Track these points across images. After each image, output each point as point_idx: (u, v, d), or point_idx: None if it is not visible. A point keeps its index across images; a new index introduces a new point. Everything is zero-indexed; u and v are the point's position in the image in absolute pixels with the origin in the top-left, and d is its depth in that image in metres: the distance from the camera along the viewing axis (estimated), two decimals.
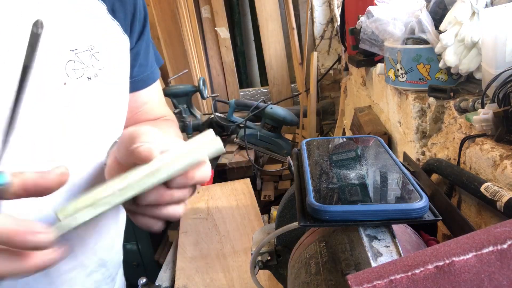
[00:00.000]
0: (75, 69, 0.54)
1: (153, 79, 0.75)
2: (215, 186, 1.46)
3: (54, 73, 0.52)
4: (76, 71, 0.54)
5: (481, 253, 0.28)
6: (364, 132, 1.12)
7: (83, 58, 0.55)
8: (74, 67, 0.54)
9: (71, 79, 0.54)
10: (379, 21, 0.88)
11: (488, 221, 0.61)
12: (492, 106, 0.61)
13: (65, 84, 0.53)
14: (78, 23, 0.55)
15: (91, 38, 0.57)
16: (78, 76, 0.54)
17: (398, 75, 0.87)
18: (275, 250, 0.64)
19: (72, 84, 0.54)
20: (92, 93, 0.57)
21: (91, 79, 0.56)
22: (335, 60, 2.56)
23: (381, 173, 0.49)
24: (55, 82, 0.52)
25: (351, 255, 0.42)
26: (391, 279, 0.28)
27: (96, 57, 0.57)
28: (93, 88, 0.57)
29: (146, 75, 0.72)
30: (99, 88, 0.57)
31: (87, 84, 0.55)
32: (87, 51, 0.56)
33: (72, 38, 0.54)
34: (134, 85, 0.70)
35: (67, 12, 0.54)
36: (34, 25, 0.38)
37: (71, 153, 0.56)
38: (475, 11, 0.70)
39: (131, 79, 0.69)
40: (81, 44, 0.55)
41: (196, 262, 1.06)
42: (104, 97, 0.59)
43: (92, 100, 0.57)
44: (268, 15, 2.60)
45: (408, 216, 0.40)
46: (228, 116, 2.09)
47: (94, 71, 0.57)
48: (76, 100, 0.55)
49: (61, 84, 0.53)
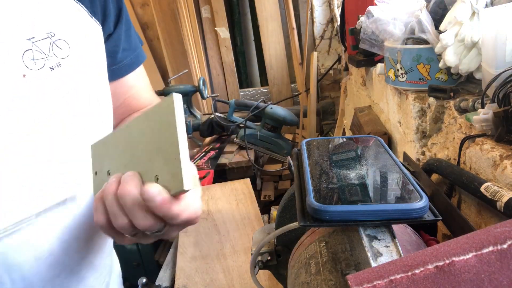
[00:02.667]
0: (34, 59, 0.50)
1: (138, 62, 0.71)
2: (215, 186, 1.46)
3: (10, 64, 0.48)
4: (36, 62, 0.50)
5: (481, 253, 0.28)
6: (364, 132, 1.12)
7: (42, 47, 0.51)
8: (33, 57, 0.50)
9: (31, 71, 0.50)
10: (379, 21, 0.87)
11: (488, 221, 0.61)
12: (492, 106, 0.61)
13: (25, 76, 0.49)
14: (35, 10, 0.51)
15: (50, 25, 0.52)
16: (39, 67, 0.50)
17: (398, 75, 0.87)
18: (275, 250, 0.64)
19: (33, 76, 0.50)
20: (57, 84, 0.52)
21: (54, 69, 0.52)
22: (335, 60, 2.57)
23: (381, 173, 0.49)
24: (12, 74, 0.49)
25: (351, 255, 0.42)
26: (391, 279, 0.28)
27: (58, 45, 0.53)
28: (58, 79, 0.52)
29: (130, 59, 0.69)
30: (65, 79, 0.53)
31: (50, 75, 0.51)
32: (46, 38, 0.52)
33: (28, 26, 0.50)
34: (120, 70, 0.68)
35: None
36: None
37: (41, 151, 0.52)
38: (475, 11, 0.70)
39: (116, 65, 0.67)
40: (39, 32, 0.51)
41: (196, 262, 1.06)
42: (73, 87, 0.55)
43: (58, 92, 0.53)
44: (268, 15, 2.60)
45: (408, 216, 0.40)
46: (228, 116, 2.09)
47: (57, 60, 0.52)
48: (39, 93, 0.51)
49: (19, 76, 0.49)
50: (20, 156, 0.50)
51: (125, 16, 0.66)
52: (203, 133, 2.18)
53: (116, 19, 0.64)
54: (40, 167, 0.52)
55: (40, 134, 0.51)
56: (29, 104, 0.50)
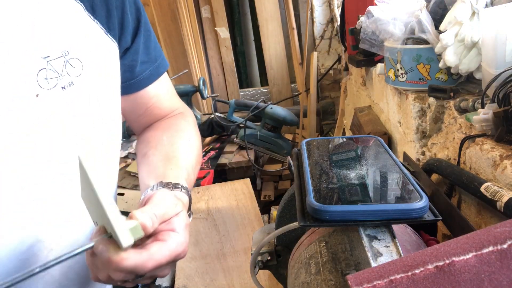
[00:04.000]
0: (47, 79, 0.49)
1: (158, 74, 0.70)
2: (215, 186, 1.46)
3: (25, 84, 0.48)
4: (49, 81, 0.49)
5: (481, 253, 0.28)
6: (364, 132, 1.12)
7: (56, 66, 0.50)
8: (46, 76, 0.49)
9: (43, 90, 0.49)
10: (379, 21, 0.88)
11: (488, 221, 0.61)
12: (492, 106, 0.61)
13: (38, 96, 0.49)
14: (50, 27, 0.50)
15: (65, 43, 0.51)
16: (51, 87, 0.50)
17: (398, 75, 0.87)
18: (275, 250, 0.64)
19: (45, 95, 0.49)
20: (67, 104, 0.52)
21: (66, 88, 0.51)
22: (335, 60, 2.57)
23: (381, 173, 0.49)
24: (27, 94, 0.48)
25: (351, 255, 0.43)
26: (391, 279, 0.28)
27: (72, 63, 0.52)
28: (68, 99, 0.52)
29: (150, 71, 0.68)
30: (75, 98, 0.53)
31: (61, 94, 0.51)
32: (60, 57, 0.51)
33: (43, 44, 0.49)
34: (139, 84, 0.67)
35: (37, 15, 0.49)
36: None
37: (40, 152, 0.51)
38: (475, 11, 0.70)
39: (134, 79, 0.66)
40: (54, 51, 0.50)
41: (196, 262, 1.06)
42: (84, 106, 0.54)
43: (67, 112, 0.52)
44: (268, 15, 2.60)
45: (408, 216, 0.40)
46: (228, 116, 2.09)
47: (69, 79, 0.52)
48: (50, 114, 0.50)
49: (33, 96, 0.48)
50: (20, 157, 0.50)
51: (145, 28, 0.65)
52: (203, 133, 2.17)
53: (135, 31, 0.63)
54: (40, 167, 0.52)
55: (39, 134, 0.51)
56: (28, 105, 0.49)
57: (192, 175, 0.64)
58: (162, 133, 0.68)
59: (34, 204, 0.53)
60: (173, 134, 0.68)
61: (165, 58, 0.73)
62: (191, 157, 0.67)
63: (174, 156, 0.63)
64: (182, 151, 0.65)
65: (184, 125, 0.71)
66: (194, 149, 0.69)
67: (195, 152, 0.69)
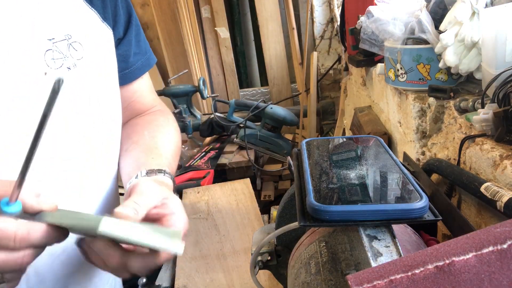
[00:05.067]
0: (54, 59, 0.53)
1: (149, 65, 0.74)
2: (215, 186, 1.46)
3: (34, 62, 0.51)
4: (56, 61, 0.53)
5: (481, 253, 0.28)
6: (364, 132, 1.12)
7: (61, 48, 0.54)
8: (53, 57, 0.53)
9: (51, 69, 0.52)
10: (379, 21, 0.88)
11: (488, 221, 0.61)
12: (492, 106, 0.61)
13: (46, 74, 0.52)
14: (53, 13, 0.54)
15: (67, 27, 0.55)
16: (58, 66, 0.53)
17: (398, 75, 0.87)
18: (275, 250, 0.64)
19: (53, 74, 0.52)
20: (73, 83, 0.55)
21: (71, 69, 0.55)
22: (335, 60, 2.57)
23: (381, 173, 0.49)
24: (36, 72, 0.51)
25: (351, 255, 0.43)
26: (391, 279, 0.28)
27: (74, 46, 0.56)
28: (74, 79, 0.55)
29: (141, 62, 0.71)
30: (79, 79, 0.56)
31: (67, 74, 0.54)
32: (64, 40, 0.54)
33: (49, 27, 0.53)
34: (132, 74, 0.70)
35: (41, 1, 0.53)
36: (56, 82, 0.38)
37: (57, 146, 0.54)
38: (475, 11, 0.70)
39: (128, 68, 0.69)
40: (58, 33, 0.54)
41: (196, 262, 1.06)
42: (86, 88, 0.57)
43: (74, 91, 0.55)
44: (268, 15, 2.60)
45: (408, 216, 0.40)
46: (228, 116, 2.09)
47: (73, 61, 0.55)
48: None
49: (41, 74, 0.52)
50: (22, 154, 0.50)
51: (135, 22, 0.69)
52: (203, 133, 2.17)
53: (126, 24, 0.67)
54: (43, 164, 0.52)
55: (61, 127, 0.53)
56: (28, 105, 0.51)
57: (173, 163, 0.67)
58: (143, 128, 0.70)
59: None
60: (154, 129, 0.71)
61: (153, 53, 0.76)
62: (172, 148, 0.69)
63: (156, 147, 0.66)
64: (163, 143, 0.68)
65: (163, 121, 0.74)
66: (174, 141, 0.71)
67: (175, 144, 0.71)
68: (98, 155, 0.61)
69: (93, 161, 0.60)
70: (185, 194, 1.40)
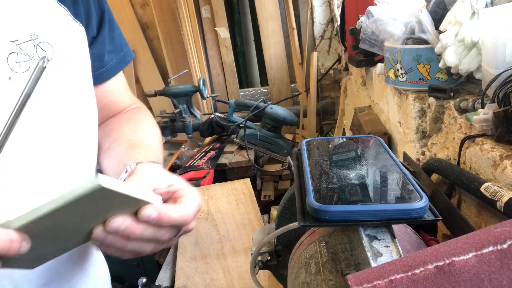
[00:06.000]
0: (19, 62, 0.50)
1: (125, 62, 0.71)
2: (215, 186, 1.46)
3: None
4: (21, 64, 0.50)
5: (481, 253, 0.28)
6: (364, 132, 1.12)
7: (26, 49, 0.51)
8: (18, 60, 0.50)
9: (16, 73, 0.50)
10: (379, 21, 0.88)
11: (488, 221, 0.61)
12: (492, 106, 0.61)
13: (10, 79, 0.49)
14: (17, 12, 0.51)
15: (33, 27, 0.52)
16: (24, 70, 0.50)
17: (398, 75, 0.87)
18: (275, 250, 0.64)
19: (18, 78, 0.50)
20: (41, 86, 0.51)
21: None
22: (335, 60, 2.57)
23: (381, 173, 0.49)
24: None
25: (351, 255, 0.42)
26: (391, 279, 0.28)
27: (42, 47, 0.53)
28: (43, 80, 0.51)
29: (116, 60, 0.68)
30: (50, 81, 0.53)
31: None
32: (30, 41, 0.51)
33: (11, 28, 0.50)
34: (106, 73, 0.67)
35: (3, 0, 0.50)
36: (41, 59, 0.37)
37: (28, 157, 0.52)
38: (475, 11, 0.70)
39: (103, 67, 0.66)
40: (23, 34, 0.51)
41: (196, 262, 1.06)
42: (59, 89, 0.55)
43: (43, 94, 0.52)
44: (268, 15, 2.60)
45: (408, 216, 0.40)
46: (228, 116, 2.09)
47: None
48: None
49: (5, 79, 0.49)
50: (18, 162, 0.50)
51: (108, 17, 0.66)
52: (203, 133, 2.17)
53: (99, 21, 0.64)
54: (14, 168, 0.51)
55: (29, 136, 0.51)
56: (1, 88, 0.49)
57: (159, 156, 0.65)
58: (122, 126, 0.69)
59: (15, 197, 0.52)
60: (134, 125, 0.69)
61: (130, 48, 0.73)
62: (155, 142, 0.68)
63: (139, 142, 0.64)
64: (146, 138, 0.67)
65: (142, 117, 0.72)
66: (156, 136, 0.70)
67: (157, 138, 0.70)
68: (72, 157, 0.58)
69: (68, 164, 0.58)
70: None
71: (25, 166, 0.52)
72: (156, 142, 0.68)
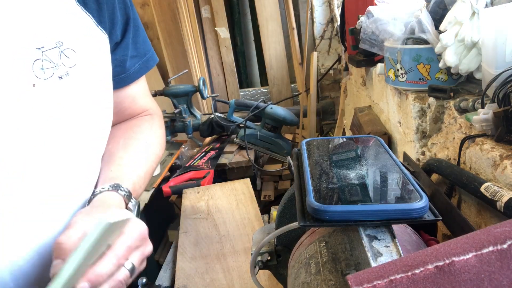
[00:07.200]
0: (44, 69, 0.50)
1: (147, 67, 0.71)
2: (215, 186, 1.46)
3: (20, 74, 0.48)
4: (46, 71, 0.51)
5: (481, 253, 0.28)
6: (364, 132, 1.12)
7: (51, 56, 0.51)
8: (42, 67, 0.50)
9: (40, 80, 0.50)
10: (379, 21, 0.88)
11: (488, 221, 0.61)
12: (492, 106, 0.61)
13: (34, 85, 0.49)
14: (43, 19, 0.51)
15: (59, 34, 0.52)
16: (48, 76, 0.51)
17: (398, 75, 0.87)
18: (275, 250, 0.64)
19: (42, 85, 0.50)
20: (65, 93, 0.53)
21: (62, 78, 0.52)
22: (335, 60, 2.57)
23: (381, 173, 0.49)
24: (23, 84, 0.49)
25: (351, 255, 0.42)
26: (391, 279, 0.28)
27: (66, 54, 0.53)
28: (66, 88, 0.53)
29: (139, 65, 0.69)
30: (72, 88, 0.54)
31: (58, 84, 0.52)
32: (55, 48, 0.52)
33: (37, 35, 0.50)
34: (128, 78, 0.68)
35: (30, 7, 0.50)
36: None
37: (47, 162, 0.52)
38: (475, 11, 0.70)
39: (125, 73, 0.67)
40: (48, 41, 0.51)
41: (196, 262, 1.06)
42: (80, 96, 0.55)
43: (66, 101, 0.53)
44: (268, 15, 2.60)
45: (408, 216, 0.40)
46: (228, 116, 2.09)
47: (65, 69, 0.53)
48: (48, 103, 0.51)
49: (29, 86, 0.49)
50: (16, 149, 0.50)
51: (133, 23, 0.66)
52: (203, 133, 2.17)
53: (124, 27, 0.64)
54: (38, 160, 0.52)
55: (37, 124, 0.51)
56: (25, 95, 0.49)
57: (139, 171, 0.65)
58: (120, 136, 0.69)
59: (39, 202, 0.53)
60: (131, 136, 0.69)
61: (155, 53, 0.73)
62: (143, 156, 0.68)
63: (121, 157, 0.64)
64: (132, 152, 0.66)
65: (146, 128, 0.72)
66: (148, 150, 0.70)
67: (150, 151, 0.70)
68: (80, 161, 0.59)
69: (82, 169, 0.59)
70: (185, 194, 1.40)
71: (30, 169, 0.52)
72: (144, 156, 0.68)
